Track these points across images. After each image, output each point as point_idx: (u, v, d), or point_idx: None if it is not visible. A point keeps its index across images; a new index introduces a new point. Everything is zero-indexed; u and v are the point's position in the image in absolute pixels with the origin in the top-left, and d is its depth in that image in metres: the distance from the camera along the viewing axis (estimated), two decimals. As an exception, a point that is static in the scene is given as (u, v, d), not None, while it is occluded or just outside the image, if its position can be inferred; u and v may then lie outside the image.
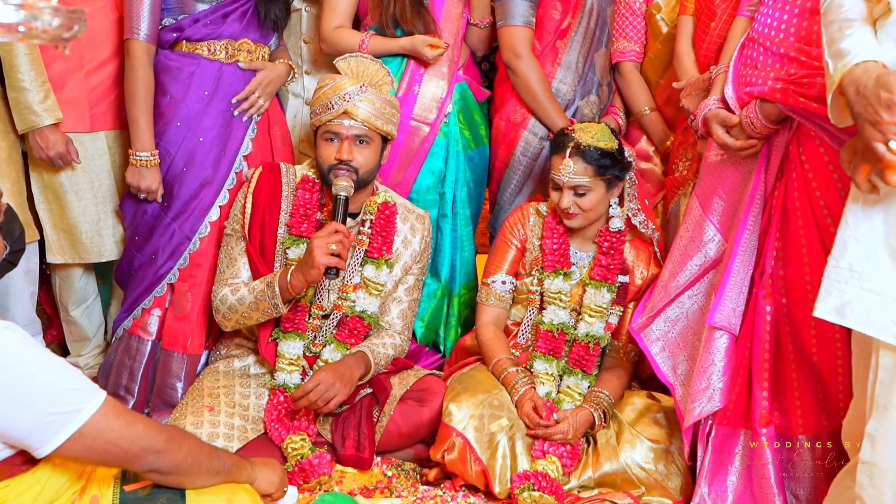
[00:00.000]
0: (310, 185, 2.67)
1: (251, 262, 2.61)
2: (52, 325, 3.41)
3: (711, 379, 2.23)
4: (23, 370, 1.50)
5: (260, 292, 2.48)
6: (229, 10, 2.86)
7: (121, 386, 2.91)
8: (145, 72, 2.79)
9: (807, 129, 2.10)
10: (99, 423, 1.55)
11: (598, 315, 2.61)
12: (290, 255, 2.60)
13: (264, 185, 2.66)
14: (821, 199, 2.10)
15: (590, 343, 2.60)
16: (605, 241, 2.64)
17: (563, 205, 2.56)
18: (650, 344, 2.44)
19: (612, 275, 2.62)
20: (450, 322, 3.11)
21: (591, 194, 2.56)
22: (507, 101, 3.08)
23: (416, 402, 2.61)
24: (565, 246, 2.65)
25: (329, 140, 2.56)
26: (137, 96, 2.78)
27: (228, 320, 2.59)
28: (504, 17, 2.99)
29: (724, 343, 2.23)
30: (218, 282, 2.64)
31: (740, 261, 2.21)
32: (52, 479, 1.65)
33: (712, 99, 2.30)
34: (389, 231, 2.69)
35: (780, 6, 2.13)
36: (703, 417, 2.29)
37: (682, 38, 2.88)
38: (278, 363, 2.59)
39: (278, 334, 2.60)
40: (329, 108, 2.53)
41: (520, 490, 2.33)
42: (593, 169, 2.53)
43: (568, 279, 2.64)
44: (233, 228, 2.67)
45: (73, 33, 1.19)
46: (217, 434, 2.45)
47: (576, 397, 2.58)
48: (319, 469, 2.43)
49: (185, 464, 1.69)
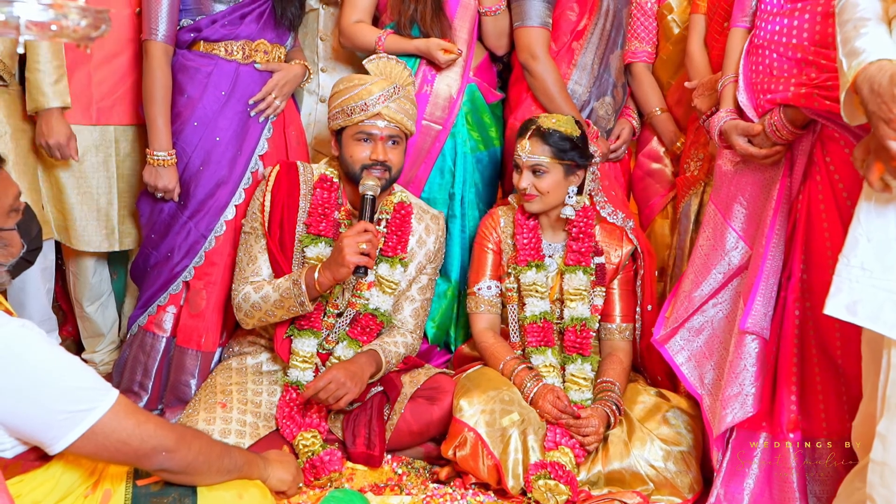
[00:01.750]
0: (328, 184, 2.68)
1: (272, 259, 2.62)
2: (68, 322, 3.45)
3: (744, 384, 2.21)
4: (37, 368, 1.53)
5: (286, 290, 2.50)
6: (246, 11, 2.88)
7: (135, 382, 2.94)
8: (163, 72, 2.81)
9: (830, 131, 2.10)
10: (111, 421, 1.57)
11: (579, 298, 2.66)
12: (308, 253, 2.62)
13: (282, 183, 2.66)
14: (847, 200, 2.08)
15: (577, 326, 2.65)
16: (574, 227, 2.70)
17: (521, 185, 2.65)
18: (675, 355, 2.43)
19: (585, 258, 2.68)
20: (460, 322, 3.11)
21: (549, 176, 2.62)
22: (521, 101, 3.08)
23: (426, 401, 2.61)
24: (536, 239, 2.72)
25: (362, 140, 2.58)
26: (155, 96, 2.80)
27: (251, 318, 2.60)
28: (521, 18, 2.99)
29: (756, 348, 2.22)
30: (238, 280, 2.64)
31: (769, 266, 2.20)
32: (65, 475, 1.67)
33: (724, 110, 2.29)
34: (405, 230, 2.71)
35: (788, 12, 2.12)
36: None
37: (693, 37, 2.87)
38: (292, 360, 2.61)
39: (293, 331, 2.62)
40: (364, 109, 2.55)
41: (535, 477, 2.35)
42: (551, 150, 2.61)
43: (541, 270, 2.69)
44: (252, 226, 2.67)
45: (100, 33, 1.21)
46: (229, 431, 2.47)
47: (582, 383, 2.60)
48: (330, 466, 2.44)
49: (195, 463, 1.71)
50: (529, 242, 2.71)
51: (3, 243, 1.68)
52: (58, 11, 1.16)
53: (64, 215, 2.99)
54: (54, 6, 1.16)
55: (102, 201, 3.03)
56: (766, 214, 2.23)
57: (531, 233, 2.72)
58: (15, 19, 1.13)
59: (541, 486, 2.34)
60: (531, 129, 2.64)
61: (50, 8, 1.15)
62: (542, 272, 2.69)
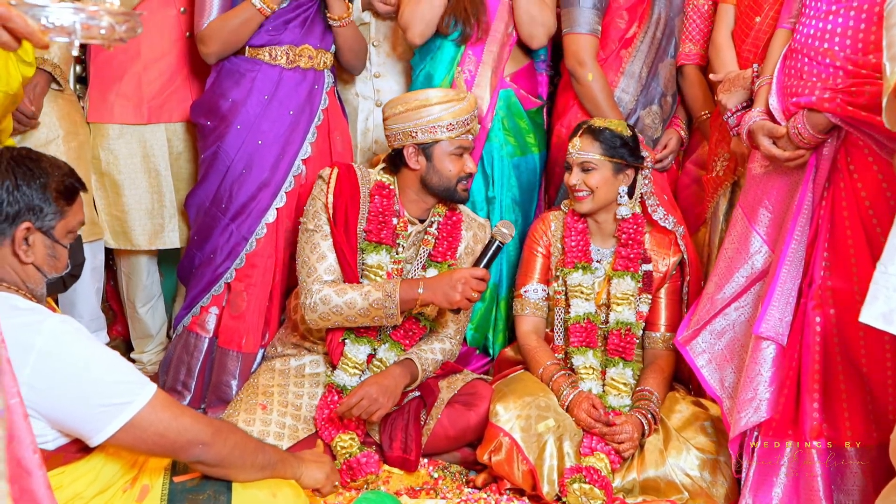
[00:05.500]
0: (386, 192, 2.68)
1: (341, 259, 2.60)
2: (117, 321, 3.52)
3: (758, 389, 2.20)
4: (77, 363, 1.57)
5: (376, 301, 2.49)
6: (290, 17, 2.93)
7: (178, 381, 2.99)
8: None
9: (854, 138, 2.07)
10: (148, 415, 1.61)
11: (625, 302, 2.65)
12: (368, 261, 2.62)
13: (344, 185, 2.65)
14: (870, 209, 2.06)
15: (621, 330, 2.64)
16: (623, 234, 2.69)
17: (571, 181, 2.66)
18: (696, 357, 2.41)
19: (633, 264, 2.67)
20: (497, 326, 3.12)
21: (597, 173, 2.63)
22: (569, 108, 3.07)
23: (463, 406, 2.62)
24: (584, 242, 2.72)
25: (459, 155, 2.62)
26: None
27: (325, 321, 2.56)
28: (570, 25, 2.99)
29: (772, 353, 2.20)
30: (311, 279, 2.57)
31: (787, 271, 2.18)
32: (106, 468, 1.71)
33: (756, 111, 2.27)
34: (455, 237, 2.74)
35: (823, 15, 2.10)
36: (749, 428, 2.25)
37: (720, 28, 2.81)
38: (342, 363, 2.63)
39: (349, 336, 2.63)
40: (466, 124, 2.61)
41: (571, 480, 2.34)
42: (601, 147, 2.63)
43: (588, 272, 2.68)
44: (316, 224, 2.63)
45: (132, 35, 1.25)
46: (268, 432, 2.50)
47: (622, 388, 2.59)
48: (367, 468, 2.46)
49: (230, 457, 1.74)
50: (577, 245, 2.71)
51: (54, 255, 1.73)
52: (89, 14, 1.20)
53: (119, 216, 3.07)
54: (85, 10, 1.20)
55: (156, 199, 3.10)
56: (787, 219, 2.21)
57: (580, 235, 2.72)
58: (71, 24, 1.17)
59: (576, 490, 2.33)
60: (583, 128, 2.68)
61: (80, 11, 1.19)
62: (588, 274, 2.68)
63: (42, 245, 1.71)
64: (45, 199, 1.69)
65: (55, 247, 1.73)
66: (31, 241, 1.69)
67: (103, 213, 3.08)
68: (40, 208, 1.69)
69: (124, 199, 3.06)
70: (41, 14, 1.19)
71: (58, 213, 1.71)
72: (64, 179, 1.73)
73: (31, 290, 1.69)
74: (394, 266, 2.66)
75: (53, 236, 1.72)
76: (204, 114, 2.98)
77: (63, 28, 1.19)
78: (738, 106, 2.45)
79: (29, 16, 1.17)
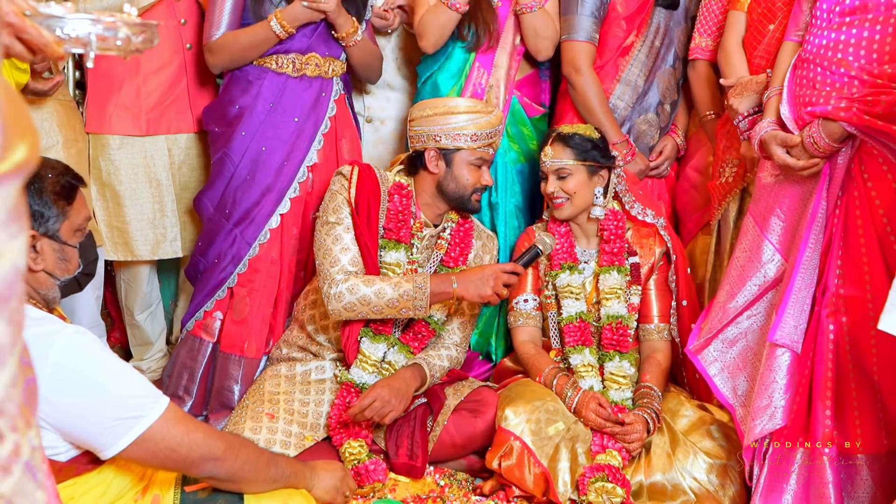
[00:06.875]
0: (405, 192, 2.70)
1: (364, 252, 2.59)
2: (115, 328, 3.50)
3: (773, 396, 2.19)
4: (91, 376, 1.55)
5: (405, 292, 2.49)
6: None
7: (181, 386, 2.98)
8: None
9: (869, 147, 2.08)
10: (160, 429, 1.59)
11: (614, 296, 2.70)
12: (387, 258, 2.63)
13: (365, 183, 2.65)
14: (884, 217, 2.07)
15: (613, 323, 2.67)
16: (605, 230, 2.75)
17: (548, 190, 2.73)
18: (708, 366, 2.41)
19: (618, 258, 2.73)
20: (500, 332, 3.13)
21: (573, 178, 2.70)
22: (566, 114, 3.08)
23: (469, 413, 2.62)
24: (569, 244, 2.77)
25: (478, 167, 2.66)
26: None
27: (351, 311, 2.52)
28: (568, 32, 2.99)
29: (787, 361, 2.20)
30: (335, 269, 2.54)
31: (801, 279, 2.18)
32: (117, 480, 1.70)
33: (767, 121, 2.27)
34: (467, 244, 2.77)
35: (836, 26, 2.10)
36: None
37: (731, 35, 2.80)
38: (359, 361, 2.62)
39: (367, 333, 2.63)
40: (489, 137, 2.65)
41: (593, 480, 2.36)
42: (573, 152, 2.70)
43: (574, 272, 2.73)
44: (338, 217, 2.61)
45: (148, 46, 1.24)
46: (274, 441, 2.49)
47: (622, 381, 2.61)
48: (375, 475, 2.45)
49: (241, 472, 1.72)
50: (562, 247, 2.75)
51: (64, 257, 1.72)
52: (106, 26, 1.19)
53: (120, 227, 3.06)
54: (103, 21, 1.19)
55: (157, 209, 3.08)
56: (801, 227, 2.21)
57: (563, 238, 2.77)
58: (87, 35, 1.16)
59: (598, 489, 2.35)
60: (552, 136, 2.75)
61: (97, 23, 1.18)
62: (575, 273, 2.73)
63: (51, 250, 1.69)
64: (43, 203, 1.67)
65: (64, 249, 1.71)
66: (39, 247, 1.67)
67: (103, 224, 3.06)
68: (41, 213, 1.67)
69: (125, 210, 3.05)
70: (56, 25, 1.17)
71: (60, 214, 1.69)
72: (59, 179, 1.71)
73: (43, 297, 1.68)
74: (409, 266, 2.67)
75: (60, 238, 1.69)
76: (214, 120, 2.99)
77: (79, 39, 1.18)
78: (749, 110, 2.46)
79: (44, 27, 1.16)
